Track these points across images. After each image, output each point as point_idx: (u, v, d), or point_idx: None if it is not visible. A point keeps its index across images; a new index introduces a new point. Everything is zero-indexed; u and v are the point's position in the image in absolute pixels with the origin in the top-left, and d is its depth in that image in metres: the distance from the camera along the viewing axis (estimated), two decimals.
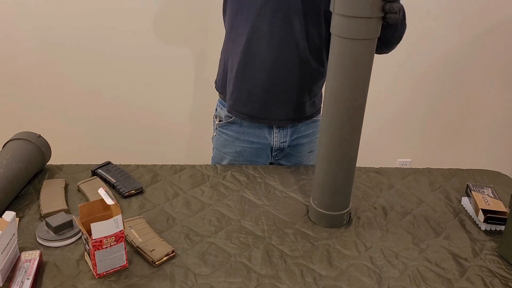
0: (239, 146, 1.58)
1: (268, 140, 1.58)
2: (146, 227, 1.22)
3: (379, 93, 2.44)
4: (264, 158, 1.61)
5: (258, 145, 1.58)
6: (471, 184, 1.42)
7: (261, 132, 1.56)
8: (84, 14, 2.28)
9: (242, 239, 1.21)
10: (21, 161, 1.34)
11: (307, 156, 1.63)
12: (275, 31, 1.38)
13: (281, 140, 1.58)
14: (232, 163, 1.59)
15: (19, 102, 2.47)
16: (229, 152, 1.60)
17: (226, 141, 1.59)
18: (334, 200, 1.26)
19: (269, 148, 1.60)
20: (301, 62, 1.44)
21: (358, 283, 1.09)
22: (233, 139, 1.58)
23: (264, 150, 1.59)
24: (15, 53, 2.35)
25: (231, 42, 1.47)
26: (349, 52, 1.09)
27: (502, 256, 1.19)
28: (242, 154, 1.59)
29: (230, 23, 1.46)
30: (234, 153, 1.59)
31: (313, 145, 1.63)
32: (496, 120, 2.70)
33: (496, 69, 2.57)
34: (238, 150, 1.58)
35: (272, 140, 1.58)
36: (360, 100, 1.15)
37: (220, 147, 1.62)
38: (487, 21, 2.45)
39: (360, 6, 1.03)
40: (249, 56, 1.43)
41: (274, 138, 1.57)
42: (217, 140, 1.62)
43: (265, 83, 1.46)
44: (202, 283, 1.07)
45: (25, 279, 1.02)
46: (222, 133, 1.60)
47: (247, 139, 1.57)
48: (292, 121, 1.54)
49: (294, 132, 1.58)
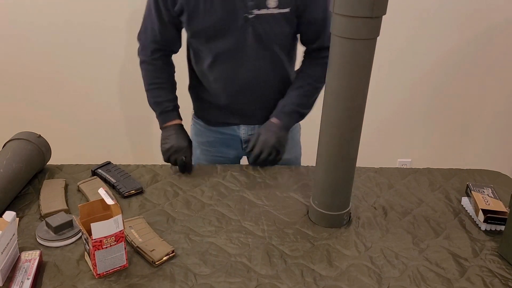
0: (210, 136, 1.64)
1: (236, 132, 1.62)
2: (146, 227, 1.22)
3: (379, 93, 2.44)
4: (235, 149, 1.65)
5: (228, 136, 1.62)
6: (471, 184, 1.42)
7: (229, 126, 1.61)
8: (85, 14, 2.29)
9: (242, 239, 1.21)
10: (21, 161, 1.34)
11: None
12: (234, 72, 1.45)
13: (249, 132, 1.62)
14: (205, 153, 1.66)
15: (19, 102, 2.47)
16: (201, 142, 1.66)
17: (199, 130, 1.66)
18: (334, 200, 1.26)
19: (239, 139, 1.63)
20: (264, 89, 1.50)
21: (358, 283, 1.09)
22: (204, 129, 1.65)
23: (234, 141, 1.63)
24: (15, 53, 2.36)
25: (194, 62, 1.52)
26: (349, 52, 1.09)
27: (502, 256, 1.19)
28: (213, 144, 1.64)
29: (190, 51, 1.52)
30: (206, 143, 1.65)
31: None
32: (496, 120, 2.70)
33: (496, 69, 2.57)
34: (209, 140, 1.64)
35: (240, 132, 1.62)
36: (360, 100, 1.15)
37: (194, 136, 1.69)
38: (487, 21, 2.45)
39: (360, 6, 1.03)
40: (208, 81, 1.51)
41: (242, 131, 1.62)
42: (192, 130, 1.69)
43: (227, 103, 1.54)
44: (202, 283, 1.07)
45: (25, 279, 1.02)
46: (196, 122, 1.66)
47: (217, 129, 1.62)
48: (259, 122, 1.58)
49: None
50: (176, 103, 1.53)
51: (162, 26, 1.41)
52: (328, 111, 1.18)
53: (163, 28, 1.42)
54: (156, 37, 1.44)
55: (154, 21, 1.41)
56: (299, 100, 1.47)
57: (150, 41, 1.46)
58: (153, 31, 1.43)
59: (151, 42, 1.46)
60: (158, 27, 1.41)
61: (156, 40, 1.45)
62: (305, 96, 1.47)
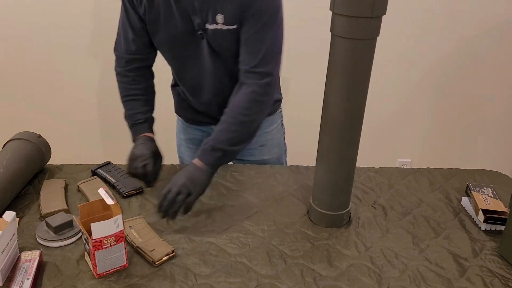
0: (191, 133, 1.65)
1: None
2: (146, 227, 1.22)
3: (379, 93, 2.44)
4: None
5: (208, 134, 1.58)
6: (471, 184, 1.42)
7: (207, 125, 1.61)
8: (85, 14, 2.28)
9: (242, 239, 1.21)
10: (21, 161, 1.34)
11: (259, 149, 1.61)
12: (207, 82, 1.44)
13: None
14: (188, 150, 1.66)
15: (19, 102, 2.47)
16: (184, 139, 1.68)
17: (181, 127, 1.68)
18: (334, 200, 1.26)
19: None
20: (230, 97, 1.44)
21: (358, 283, 1.09)
22: (185, 126, 1.66)
23: None
24: (15, 53, 2.36)
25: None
26: (349, 52, 1.09)
27: (502, 256, 1.19)
28: (193, 141, 1.65)
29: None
30: (187, 140, 1.66)
31: (264, 139, 1.60)
32: (496, 120, 2.70)
33: (496, 69, 2.57)
34: (190, 137, 1.65)
35: None
36: (360, 100, 1.15)
37: (177, 133, 1.70)
38: (487, 21, 2.45)
39: (360, 6, 1.03)
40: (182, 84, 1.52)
41: None
42: (176, 126, 1.70)
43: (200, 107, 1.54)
44: (202, 283, 1.07)
45: (25, 279, 1.02)
46: (178, 119, 1.68)
47: (197, 127, 1.63)
48: None
49: None
50: (149, 116, 1.46)
51: (134, 34, 1.39)
52: (328, 111, 1.18)
53: (136, 37, 1.39)
54: (130, 46, 1.41)
55: (126, 30, 1.39)
56: (222, 136, 1.31)
57: (124, 51, 1.43)
58: (126, 41, 1.41)
59: (124, 52, 1.43)
60: (131, 36, 1.39)
61: (129, 50, 1.42)
62: (229, 132, 1.31)
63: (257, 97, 1.32)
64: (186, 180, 1.24)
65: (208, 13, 1.29)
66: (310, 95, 2.32)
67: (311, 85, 2.31)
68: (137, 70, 1.46)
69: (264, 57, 1.31)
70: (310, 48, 2.38)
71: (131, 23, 1.37)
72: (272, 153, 1.64)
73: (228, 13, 1.28)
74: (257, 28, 1.29)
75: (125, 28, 1.40)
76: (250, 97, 1.32)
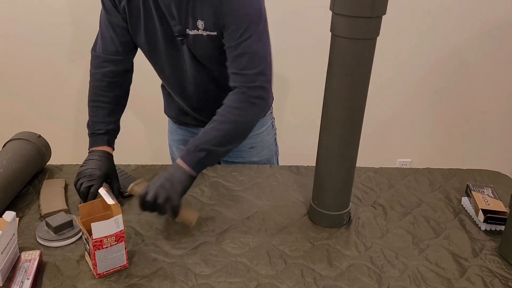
0: (180, 134, 1.65)
1: None
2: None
3: (379, 93, 2.44)
4: None
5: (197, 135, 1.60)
6: (471, 184, 1.42)
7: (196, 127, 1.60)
8: (85, 14, 2.28)
9: (242, 239, 1.21)
10: (21, 161, 1.34)
11: (248, 152, 1.60)
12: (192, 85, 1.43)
13: None
14: (179, 151, 1.65)
15: (19, 102, 2.47)
16: (174, 140, 1.67)
17: (171, 128, 1.68)
18: (334, 200, 1.26)
19: None
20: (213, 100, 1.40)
21: (358, 283, 1.09)
22: (175, 127, 1.65)
23: None
24: (16, 53, 2.36)
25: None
26: (349, 52, 1.09)
27: (502, 256, 1.19)
28: (183, 142, 1.64)
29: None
30: (177, 140, 1.66)
31: (253, 141, 1.58)
32: (496, 120, 2.70)
33: (496, 69, 2.57)
34: (180, 138, 1.64)
35: None
36: (360, 100, 1.15)
37: (169, 134, 1.70)
38: (488, 21, 2.45)
39: (360, 6, 1.03)
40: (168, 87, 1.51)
41: None
42: (168, 128, 1.71)
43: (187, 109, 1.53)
44: (202, 283, 1.07)
45: (25, 279, 1.02)
46: (170, 121, 1.67)
47: (187, 129, 1.63)
48: None
49: None
50: (111, 128, 1.40)
51: (114, 33, 1.35)
52: (328, 111, 1.18)
53: (116, 36, 1.35)
54: (108, 46, 1.37)
55: (106, 29, 1.35)
56: (207, 136, 1.26)
57: (101, 51, 1.38)
58: (105, 40, 1.37)
59: (102, 52, 1.39)
60: (110, 35, 1.35)
61: (107, 50, 1.37)
62: (216, 131, 1.26)
63: (248, 98, 1.28)
64: (164, 181, 1.18)
65: (188, 19, 1.27)
66: (310, 95, 2.32)
67: (311, 85, 2.31)
68: (112, 74, 1.40)
69: (252, 60, 1.27)
70: (310, 48, 2.38)
71: (111, 21, 1.34)
72: (261, 155, 1.63)
73: (208, 19, 1.26)
74: (240, 33, 1.25)
75: (104, 28, 1.36)
76: (241, 98, 1.28)
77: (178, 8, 1.26)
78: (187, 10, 1.26)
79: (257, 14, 1.26)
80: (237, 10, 1.23)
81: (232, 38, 1.26)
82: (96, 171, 1.30)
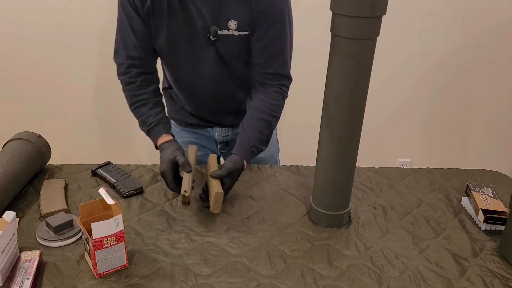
0: (184, 136, 1.64)
1: (211, 134, 1.63)
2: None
3: (379, 93, 2.44)
4: (211, 150, 1.66)
5: (202, 137, 1.63)
6: (471, 184, 1.42)
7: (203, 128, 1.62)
8: (86, 14, 2.28)
9: (242, 239, 1.21)
10: (21, 161, 1.34)
11: None
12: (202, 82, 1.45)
13: (223, 134, 1.62)
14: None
15: (19, 102, 2.47)
16: (179, 142, 1.64)
17: (175, 131, 1.65)
18: (334, 200, 1.26)
19: (214, 140, 1.64)
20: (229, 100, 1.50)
21: (358, 283, 1.09)
22: (178, 129, 1.65)
23: (209, 142, 1.64)
24: (16, 53, 2.36)
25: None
26: (349, 52, 1.09)
27: (502, 256, 1.19)
28: (187, 144, 1.62)
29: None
30: (182, 143, 1.64)
31: None
32: (496, 120, 2.70)
33: (496, 69, 2.57)
34: (183, 141, 1.63)
35: (214, 134, 1.62)
36: (360, 99, 1.15)
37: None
38: (488, 21, 2.45)
39: (360, 6, 1.03)
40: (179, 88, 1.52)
41: (216, 133, 1.62)
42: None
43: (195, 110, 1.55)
44: (202, 283, 1.07)
45: (25, 279, 1.02)
46: (173, 123, 1.66)
47: (191, 130, 1.63)
48: (232, 125, 1.60)
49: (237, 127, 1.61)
50: (161, 117, 1.41)
51: (136, 39, 1.35)
52: (328, 111, 1.18)
53: (138, 41, 1.36)
54: (131, 52, 1.37)
55: (128, 35, 1.35)
56: (261, 136, 1.38)
57: (125, 57, 1.39)
58: (127, 47, 1.37)
59: (126, 59, 1.39)
60: (133, 41, 1.36)
61: (130, 56, 1.38)
62: (268, 129, 1.39)
63: (283, 97, 1.41)
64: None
65: (221, 20, 1.29)
66: (310, 95, 2.32)
67: (311, 85, 2.31)
68: (140, 75, 1.41)
69: (285, 60, 1.37)
70: (310, 48, 2.38)
71: (133, 27, 1.34)
72: (266, 150, 1.64)
73: (242, 19, 1.29)
74: (274, 32, 1.32)
75: (126, 34, 1.36)
76: (280, 96, 1.40)
77: (211, 9, 1.28)
78: (219, 11, 1.28)
79: (288, 12, 1.33)
80: (272, 9, 1.29)
81: (266, 37, 1.32)
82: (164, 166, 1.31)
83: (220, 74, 1.41)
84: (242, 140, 1.37)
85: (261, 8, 1.28)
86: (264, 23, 1.30)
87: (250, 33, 1.32)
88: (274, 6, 1.29)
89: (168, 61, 1.44)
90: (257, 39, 1.34)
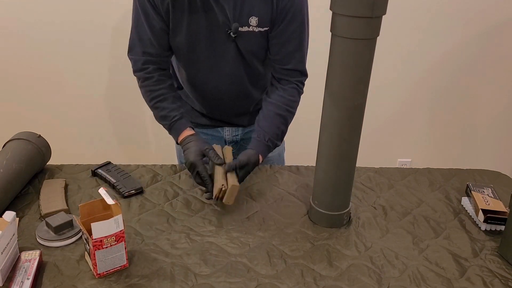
0: None
1: (220, 133, 1.63)
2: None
3: (379, 93, 2.44)
4: None
5: (211, 137, 1.63)
6: (471, 184, 1.42)
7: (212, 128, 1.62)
8: (86, 13, 2.28)
9: (242, 239, 1.21)
10: (21, 161, 1.34)
11: None
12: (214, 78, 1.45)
13: (233, 133, 1.63)
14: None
15: (19, 102, 2.47)
16: None
17: None
18: (334, 200, 1.26)
19: (223, 140, 1.64)
20: (244, 99, 1.51)
21: (358, 283, 1.09)
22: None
23: (219, 142, 1.63)
24: (15, 53, 2.36)
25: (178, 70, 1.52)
26: (349, 52, 1.09)
27: (502, 256, 1.19)
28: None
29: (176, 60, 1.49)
30: None
31: None
32: (496, 120, 2.70)
33: (496, 69, 2.57)
34: None
35: (224, 134, 1.63)
36: (360, 100, 1.15)
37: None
38: (488, 21, 2.45)
39: (360, 6, 1.03)
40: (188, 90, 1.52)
41: (226, 133, 1.62)
42: None
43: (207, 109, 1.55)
44: (202, 283, 1.07)
45: (25, 279, 1.02)
46: None
47: (201, 131, 1.61)
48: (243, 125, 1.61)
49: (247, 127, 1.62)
50: (182, 111, 1.41)
51: (153, 35, 1.34)
52: (328, 111, 1.18)
53: (155, 38, 1.35)
54: (147, 48, 1.36)
55: (144, 31, 1.35)
56: (278, 131, 1.42)
57: (140, 54, 1.38)
58: (143, 43, 1.36)
59: (141, 55, 1.38)
60: (149, 37, 1.35)
61: (146, 52, 1.37)
62: (284, 124, 1.44)
63: (299, 93, 1.45)
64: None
65: (243, 16, 1.30)
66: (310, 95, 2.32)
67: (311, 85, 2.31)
68: (157, 70, 1.40)
69: (302, 56, 1.40)
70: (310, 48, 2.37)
71: (150, 24, 1.33)
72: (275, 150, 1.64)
73: (264, 15, 1.31)
74: (293, 28, 1.34)
75: (142, 30, 1.35)
76: (296, 92, 1.43)
77: (232, 6, 1.29)
78: (242, 8, 1.29)
79: (306, 9, 1.35)
80: (293, 5, 1.31)
81: (286, 33, 1.34)
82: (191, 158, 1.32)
83: (238, 72, 1.42)
84: (258, 135, 1.39)
85: (283, 5, 1.31)
86: (284, 19, 1.33)
87: (269, 29, 1.34)
88: (294, 3, 1.31)
89: (185, 58, 1.42)
90: (276, 35, 1.35)
